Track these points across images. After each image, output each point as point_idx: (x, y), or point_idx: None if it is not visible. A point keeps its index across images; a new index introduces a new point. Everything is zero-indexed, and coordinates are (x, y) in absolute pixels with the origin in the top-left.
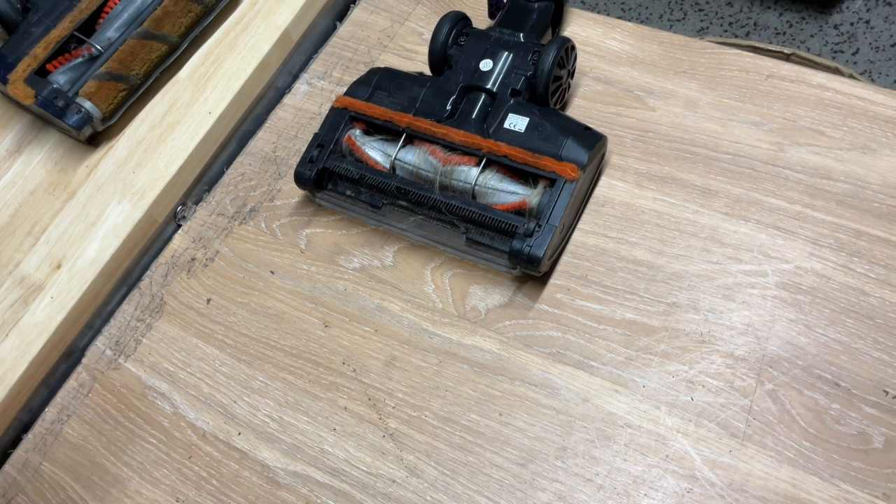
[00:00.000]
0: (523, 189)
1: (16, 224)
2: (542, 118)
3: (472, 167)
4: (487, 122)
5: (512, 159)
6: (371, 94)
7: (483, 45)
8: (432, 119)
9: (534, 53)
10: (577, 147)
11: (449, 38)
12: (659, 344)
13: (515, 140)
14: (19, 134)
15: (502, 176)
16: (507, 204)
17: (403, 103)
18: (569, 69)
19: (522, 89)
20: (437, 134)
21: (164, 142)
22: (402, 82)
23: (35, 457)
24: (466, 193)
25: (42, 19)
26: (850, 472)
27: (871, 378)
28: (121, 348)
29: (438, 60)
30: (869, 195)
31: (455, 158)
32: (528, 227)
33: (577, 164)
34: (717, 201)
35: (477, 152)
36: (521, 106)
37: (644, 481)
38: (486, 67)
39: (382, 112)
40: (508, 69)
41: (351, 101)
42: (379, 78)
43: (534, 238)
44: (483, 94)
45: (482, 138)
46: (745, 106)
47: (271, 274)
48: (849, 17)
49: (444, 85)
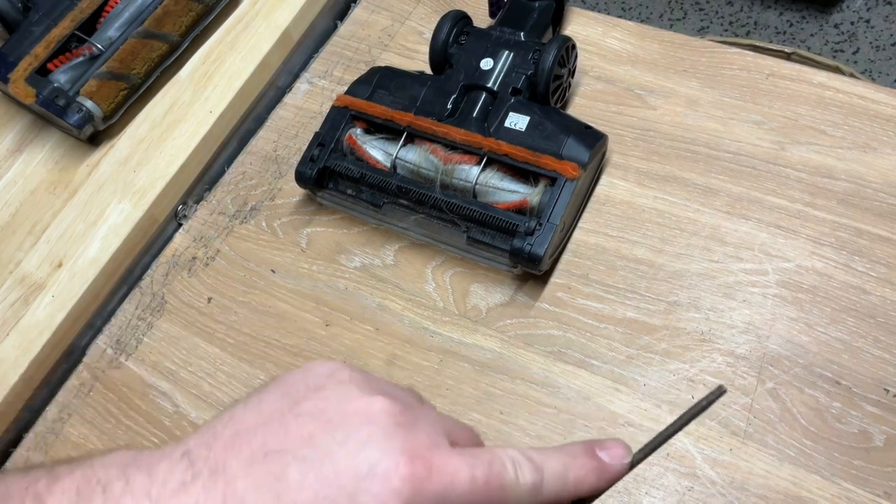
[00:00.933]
0: (524, 188)
1: (16, 223)
2: (543, 117)
3: (472, 166)
4: (488, 120)
5: (513, 158)
6: (372, 93)
7: (484, 44)
8: (433, 118)
9: (534, 52)
10: (578, 145)
11: (449, 37)
12: (660, 342)
13: (516, 139)
14: (20, 133)
15: (503, 175)
16: (508, 202)
17: (404, 102)
18: (569, 68)
19: (523, 88)
20: (437, 133)
21: (165, 141)
22: (402, 81)
23: (36, 456)
24: (467, 192)
25: (43, 18)
26: (851, 470)
27: (872, 376)
28: (122, 347)
29: (439, 59)
30: (870, 194)
31: (456, 157)
32: (529, 225)
33: (577, 162)
34: (718, 200)
35: (478, 151)
36: (521, 104)
37: (645, 479)
38: (486, 66)
39: (383, 111)
40: (509, 68)
41: (352, 100)
42: (380, 77)
43: (534, 236)
44: (484, 93)
45: (483, 137)
46: (746, 105)
47: (272, 273)
48: (849, 16)
49: (445, 84)
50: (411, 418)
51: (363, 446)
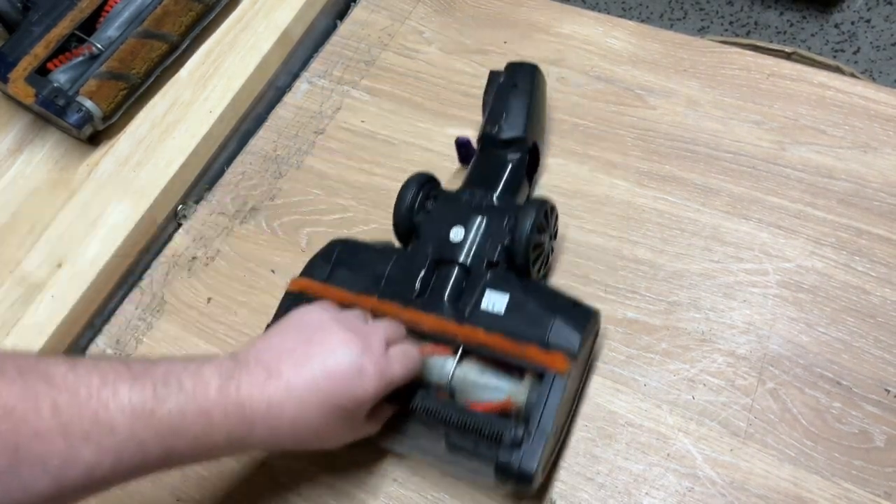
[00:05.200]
0: (507, 383)
1: (17, 223)
2: (524, 295)
3: (447, 358)
4: (462, 300)
5: (492, 349)
6: (330, 274)
7: (453, 209)
8: (400, 300)
9: (510, 218)
10: (567, 329)
11: (415, 203)
12: (660, 343)
13: (495, 324)
14: (20, 133)
15: (483, 367)
16: (490, 403)
17: (367, 283)
18: (550, 232)
19: (500, 260)
20: (405, 320)
21: (165, 141)
22: (365, 257)
23: None
24: (443, 389)
25: (42, 18)
26: (852, 470)
27: (873, 377)
28: (122, 347)
29: (405, 230)
30: (870, 194)
31: (427, 349)
32: (517, 434)
33: (567, 352)
34: (719, 200)
35: (452, 341)
36: (499, 281)
37: (645, 480)
38: (457, 237)
39: (343, 296)
40: (482, 239)
41: (309, 284)
42: (339, 253)
43: (523, 448)
44: (456, 268)
45: (457, 324)
46: (747, 105)
47: (272, 273)
48: (849, 16)
49: (412, 259)
50: (367, 340)
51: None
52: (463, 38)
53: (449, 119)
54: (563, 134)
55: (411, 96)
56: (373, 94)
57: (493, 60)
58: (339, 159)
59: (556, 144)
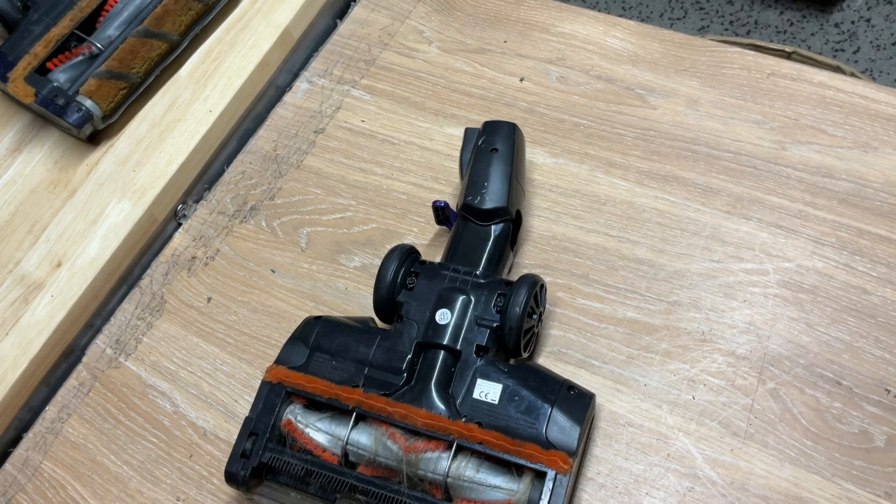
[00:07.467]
0: (506, 481)
1: (16, 223)
2: (518, 383)
3: (441, 453)
4: (453, 387)
5: (489, 447)
6: (309, 360)
7: (437, 287)
8: (386, 391)
9: (498, 297)
10: (565, 421)
11: (396, 281)
12: (660, 343)
13: (489, 416)
14: (20, 132)
15: (479, 463)
16: (490, 502)
17: (349, 370)
18: (540, 311)
19: (489, 344)
20: (394, 415)
21: (165, 140)
22: (345, 341)
23: (35, 455)
24: (438, 486)
25: (42, 17)
26: (852, 470)
27: (873, 377)
28: (121, 347)
29: (387, 310)
30: (870, 193)
31: (420, 445)
32: None
33: (567, 450)
34: (719, 200)
35: (445, 437)
36: (491, 369)
37: (646, 480)
38: (443, 320)
39: (324, 387)
40: (470, 321)
41: (286, 373)
42: (317, 336)
43: None
44: (443, 352)
45: (450, 420)
46: (747, 104)
47: (272, 272)
48: (850, 15)
49: (397, 342)
50: None
51: None
52: (463, 38)
53: (449, 118)
54: (563, 134)
55: (411, 95)
56: (373, 93)
57: (493, 60)
58: (338, 159)
59: (556, 144)
